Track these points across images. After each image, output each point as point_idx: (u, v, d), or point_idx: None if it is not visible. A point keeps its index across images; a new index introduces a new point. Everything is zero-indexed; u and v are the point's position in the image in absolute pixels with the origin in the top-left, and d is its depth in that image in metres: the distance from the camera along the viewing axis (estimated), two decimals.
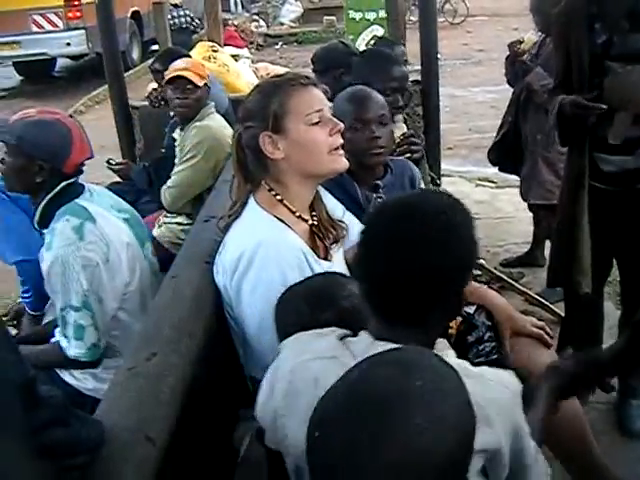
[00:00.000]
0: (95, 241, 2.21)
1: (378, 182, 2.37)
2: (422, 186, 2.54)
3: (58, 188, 2.26)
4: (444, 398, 0.95)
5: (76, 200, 2.29)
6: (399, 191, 2.41)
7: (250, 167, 1.86)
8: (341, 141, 1.85)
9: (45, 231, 2.27)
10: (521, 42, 3.78)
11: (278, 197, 1.85)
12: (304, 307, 1.59)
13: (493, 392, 1.22)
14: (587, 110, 2.47)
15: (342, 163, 1.87)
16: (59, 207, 2.26)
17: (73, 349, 2.22)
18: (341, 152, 1.86)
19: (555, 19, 2.63)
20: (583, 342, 2.90)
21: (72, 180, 2.31)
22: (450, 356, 1.28)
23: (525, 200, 4.06)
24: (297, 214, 1.87)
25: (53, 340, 2.34)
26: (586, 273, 2.67)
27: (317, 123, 1.80)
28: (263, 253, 1.75)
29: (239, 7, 20.90)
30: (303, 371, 1.32)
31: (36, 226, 2.32)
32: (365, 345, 1.28)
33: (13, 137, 2.20)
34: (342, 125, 1.85)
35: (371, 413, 0.92)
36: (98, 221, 2.26)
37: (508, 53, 3.87)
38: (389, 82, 2.84)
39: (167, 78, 3.46)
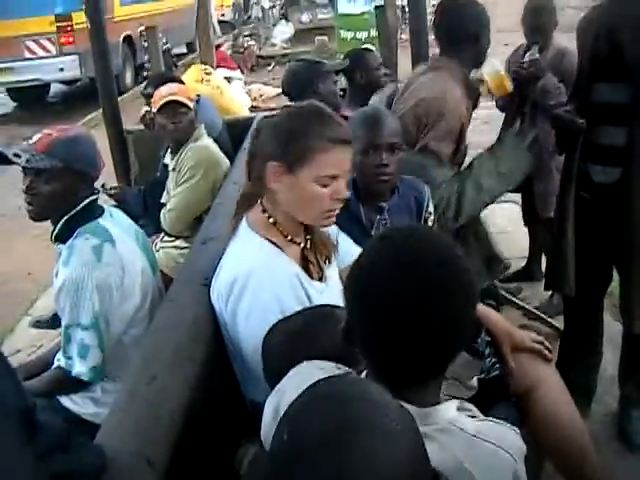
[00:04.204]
0: (112, 263, 2.21)
1: (383, 204, 2.35)
2: (431, 208, 2.48)
3: (83, 204, 2.25)
4: (377, 432, 0.89)
5: (99, 220, 2.29)
6: (405, 213, 2.39)
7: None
8: (338, 206, 1.80)
9: (62, 246, 2.25)
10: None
11: (271, 220, 1.83)
12: (287, 351, 1.53)
13: (488, 458, 1.12)
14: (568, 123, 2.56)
15: (330, 223, 1.85)
16: (80, 224, 2.25)
17: (77, 367, 2.20)
18: (333, 214, 1.81)
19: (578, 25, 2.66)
20: (583, 354, 2.90)
21: (95, 197, 2.31)
22: (451, 408, 1.20)
23: (543, 217, 3.92)
24: (289, 238, 1.84)
25: (54, 366, 2.32)
26: (569, 278, 2.72)
27: (325, 185, 1.74)
28: (256, 279, 1.74)
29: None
30: None
31: (53, 240, 2.30)
32: None
33: (57, 160, 2.15)
34: (346, 194, 1.79)
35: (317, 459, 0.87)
36: (117, 244, 2.26)
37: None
38: None
39: (158, 105, 3.38)
